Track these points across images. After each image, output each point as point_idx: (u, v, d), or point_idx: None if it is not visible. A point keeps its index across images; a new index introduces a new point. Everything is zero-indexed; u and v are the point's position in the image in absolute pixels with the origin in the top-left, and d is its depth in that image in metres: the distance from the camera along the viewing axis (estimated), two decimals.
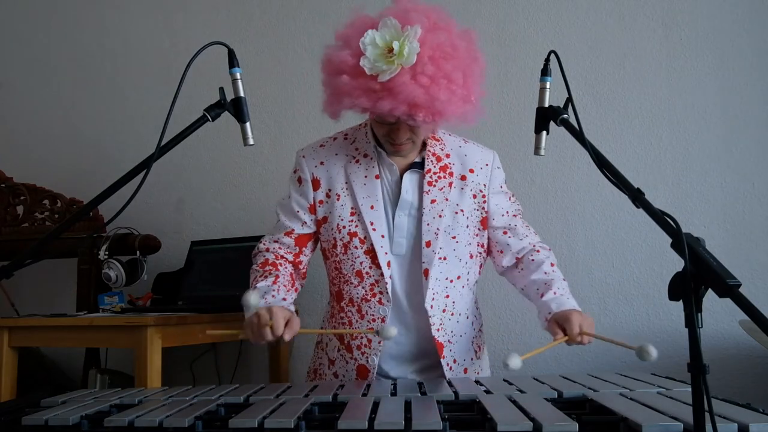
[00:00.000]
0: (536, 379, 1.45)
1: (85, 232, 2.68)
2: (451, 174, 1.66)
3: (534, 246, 1.74)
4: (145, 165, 1.30)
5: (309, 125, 2.76)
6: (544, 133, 1.40)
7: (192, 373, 2.77)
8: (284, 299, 1.56)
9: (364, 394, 1.32)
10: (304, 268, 1.74)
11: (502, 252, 1.73)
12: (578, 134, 1.23)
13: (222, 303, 2.49)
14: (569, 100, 1.31)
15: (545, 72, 1.39)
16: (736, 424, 0.97)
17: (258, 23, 2.89)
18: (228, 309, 2.40)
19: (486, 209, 1.70)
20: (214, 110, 1.39)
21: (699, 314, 0.91)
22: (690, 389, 0.90)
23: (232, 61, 1.40)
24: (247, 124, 1.41)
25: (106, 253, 2.59)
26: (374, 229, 1.61)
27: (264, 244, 1.73)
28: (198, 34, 2.96)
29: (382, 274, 1.61)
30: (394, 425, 1.03)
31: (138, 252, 2.61)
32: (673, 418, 1.02)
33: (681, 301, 0.92)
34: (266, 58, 2.86)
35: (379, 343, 1.64)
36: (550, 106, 1.38)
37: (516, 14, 2.52)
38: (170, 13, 3.06)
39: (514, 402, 1.18)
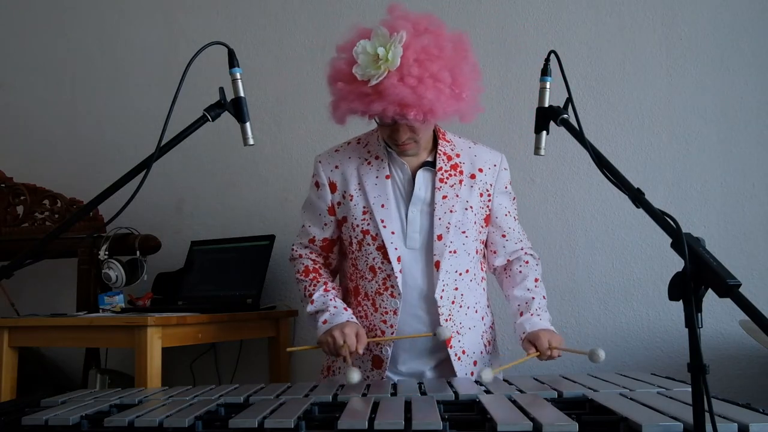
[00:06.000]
0: (536, 379, 1.45)
1: (85, 232, 2.68)
2: (461, 172, 1.77)
3: (525, 252, 1.87)
4: (145, 165, 1.31)
5: (309, 125, 2.76)
6: (544, 133, 1.41)
7: (192, 373, 2.76)
8: (345, 309, 1.72)
9: (364, 394, 1.32)
10: (335, 269, 1.90)
11: (495, 252, 1.86)
12: (578, 134, 1.23)
13: (222, 303, 2.49)
14: (569, 100, 1.31)
15: (545, 72, 1.40)
16: (736, 424, 0.98)
17: (258, 23, 2.89)
18: (228, 309, 2.40)
19: (490, 208, 1.80)
20: (214, 110, 1.39)
21: (699, 314, 0.91)
22: (690, 389, 0.90)
23: (232, 61, 1.41)
24: (247, 124, 1.42)
25: (106, 253, 2.58)
26: (384, 227, 1.71)
27: (296, 250, 1.87)
28: (198, 34, 2.96)
29: (392, 269, 1.70)
30: (394, 425, 1.03)
31: (138, 252, 2.61)
32: (673, 418, 1.02)
33: (681, 301, 0.92)
34: (266, 58, 2.86)
35: (392, 334, 1.72)
36: (550, 106, 1.38)
37: (516, 14, 2.52)
38: (170, 13, 3.06)
39: (514, 402, 1.18)
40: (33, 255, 1.29)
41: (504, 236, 1.84)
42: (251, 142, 1.43)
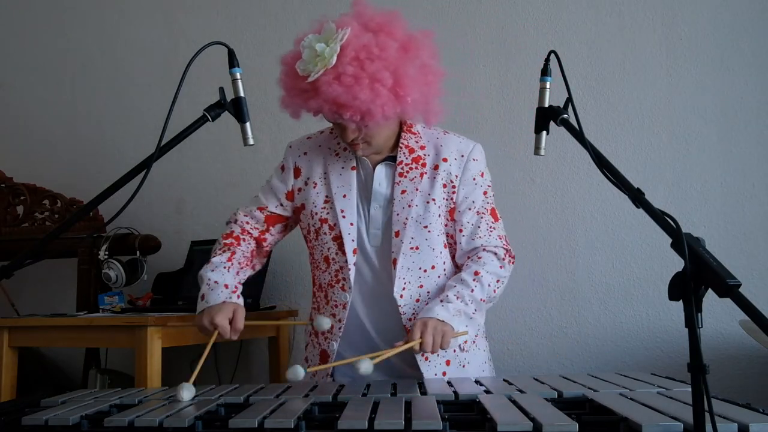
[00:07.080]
0: (536, 379, 1.45)
1: (85, 232, 2.68)
2: (423, 165, 1.68)
3: (484, 248, 1.67)
4: (145, 165, 1.31)
5: (309, 125, 2.74)
6: (544, 133, 1.40)
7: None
8: (227, 285, 1.62)
9: (364, 394, 1.32)
10: (268, 246, 1.80)
11: (455, 249, 1.72)
12: (578, 134, 1.23)
13: None
14: (569, 100, 1.31)
15: (545, 72, 1.39)
16: (736, 424, 0.97)
17: (258, 23, 2.89)
18: None
19: (454, 200, 1.69)
20: (214, 110, 1.39)
21: (699, 314, 0.91)
22: (690, 389, 0.90)
23: (232, 61, 1.41)
24: (247, 124, 1.42)
25: (106, 253, 2.59)
26: (344, 217, 1.66)
27: (236, 215, 1.79)
28: (198, 34, 2.96)
29: (346, 261, 1.65)
30: (394, 425, 1.03)
31: (138, 252, 2.61)
32: (673, 418, 1.02)
33: (681, 301, 0.92)
34: (266, 58, 2.85)
35: (340, 329, 1.66)
36: (550, 106, 1.38)
37: (516, 14, 2.52)
38: (170, 13, 3.06)
39: (514, 402, 1.18)
40: (33, 255, 1.29)
41: (461, 231, 1.68)
42: (251, 142, 1.43)
